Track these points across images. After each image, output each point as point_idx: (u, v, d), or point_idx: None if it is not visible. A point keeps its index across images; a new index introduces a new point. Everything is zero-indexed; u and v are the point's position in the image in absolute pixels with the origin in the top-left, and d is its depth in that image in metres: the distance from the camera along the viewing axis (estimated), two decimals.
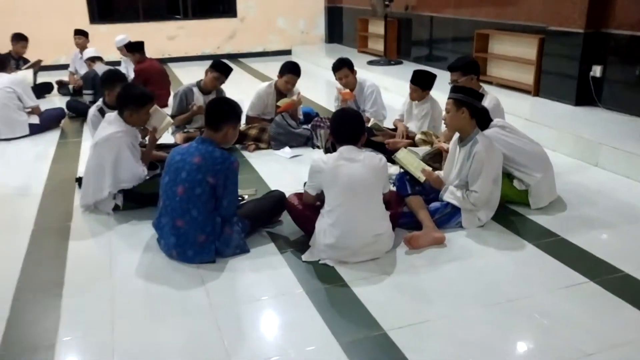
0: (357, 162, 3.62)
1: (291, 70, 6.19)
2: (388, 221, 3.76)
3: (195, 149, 3.70)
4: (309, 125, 6.46)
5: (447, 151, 4.61)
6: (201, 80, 6.07)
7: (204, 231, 3.66)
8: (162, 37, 12.89)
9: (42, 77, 9.58)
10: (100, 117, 5.07)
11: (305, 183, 4.31)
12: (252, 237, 4.00)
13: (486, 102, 4.73)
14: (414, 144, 5.37)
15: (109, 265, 3.75)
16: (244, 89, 8.14)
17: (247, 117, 6.35)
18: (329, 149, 4.19)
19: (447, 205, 4.15)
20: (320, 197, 3.80)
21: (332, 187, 3.62)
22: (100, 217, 4.48)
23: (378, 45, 11.55)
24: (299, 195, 4.04)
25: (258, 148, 6.12)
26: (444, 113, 4.26)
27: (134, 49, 8.23)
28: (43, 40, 10.97)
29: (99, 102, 5.36)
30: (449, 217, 4.14)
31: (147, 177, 4.56)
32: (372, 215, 3.66)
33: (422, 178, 4.22)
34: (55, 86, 9.44)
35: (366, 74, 9.75)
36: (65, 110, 7.71)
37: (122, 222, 4.39)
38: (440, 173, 4.45)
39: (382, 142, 5.46)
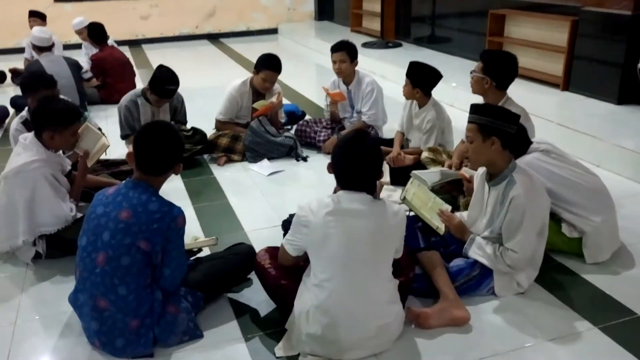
0: (362, 216, 2.54)
1: (269, 66, 5.05)
2: (398, 303, 2.68)
3: (123, 198, 2.64)
4: (292, 130, 5.39)
5: (469, 181, 3.51)
6: (146, 88, 4.83)
7: (137, 314, 2.64)
8: (134, 17, 11.86)
9: None
10: (24, 132, 3.96)
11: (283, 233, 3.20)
12: (207, 309, 2.99)
13: None
14: (420, 164, 4.30)
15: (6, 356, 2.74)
16: (223, 78, 6.98)
17: (217, 122, 5.27)
18: None
19: (475, 265, 3.07)
20: (302, 258, 2.73)
21: (321, 252, 2.56)
22: (14, 269, 3.49)
23: (374, 24, 10.56)
24: (272, 252, 2.94)
25: (230, 160, 5.06)
26: (461, 142, 3.13)
27: (94, 34, 7.27)
28: None
29: (24, 112, 4.22)
30: (477, 282, 3.06)
31: (77, 217, 3.50)
32: (378, 297, 2.59)
33: (442, 229, 3.14)
34: (9, 75, 8.38)
35: (361, 58, 8.62)
36: (9, 108, 6.61)
37: (41, 278, 3.40)
38: (463, 215, 3.35)
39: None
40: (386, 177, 3.35)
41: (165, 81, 4.67)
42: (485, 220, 3.11)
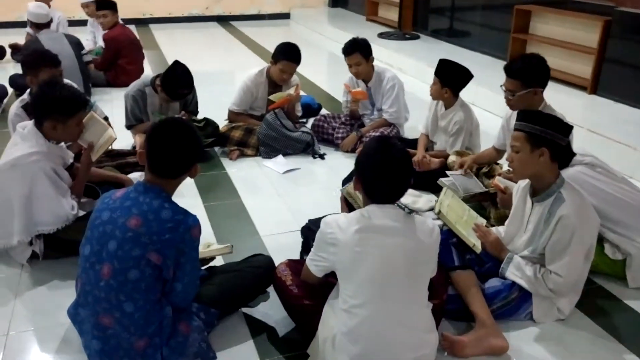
0: (396, 234, 2.27)
1: (288, 56, 4.72)
2: (435, 331, 2.41)
3: (132, 203, 2.34)
4: (309, 125, 5.12)
5: (504, 192, 3.25)
6: (156, 76, 4.50)
7: (145, 332, 2.34)
8: None
9: None
10: (25, 118, 3.67)
11: (302, 251, 2.96)
12: (221, 326, 2.71)
13: None
14: (446, 167, 4.04)
15: None
16: (233, 63, 6.68)
17: (231, 113, 4.97)
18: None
19: (512, 287, 2.81)
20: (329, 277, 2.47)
21: (352, 274, 2.27)
22: (8, 269, 3.20)
23: (390, 14, 10.20)
24: (294, 267, 2.67)
25: (243, 155, 4.76)
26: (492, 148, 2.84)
27: (105, 6, 6.73)
28: None
29: (25, 95, 3.92)
30: (515, 306, 2.81)
31: (79, 215, 3.22)
32: (415, 325, 2.31)
33: (478, 247, 2.87)
34: (9, 50, 7.96)
35: (377, 49, 8.37)
36: (8, 87, 6.23)
37: (37, 283, 3.09)
38: (499, 230, 3.09)
39: None
40: None
41: (179, 83, 4.35)
42: (525, 238, 2.85)
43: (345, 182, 3.28)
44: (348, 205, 2.91)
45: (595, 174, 3.10)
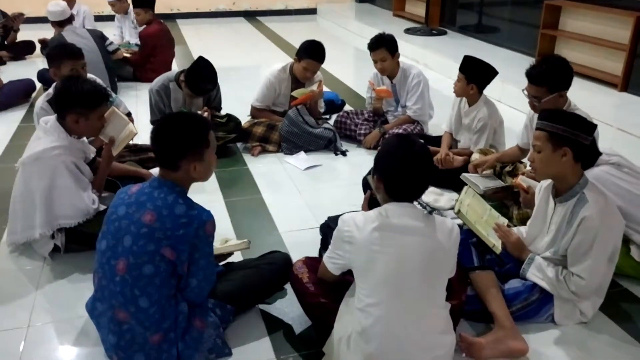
0: (414, 234, 2.23)
1: (312, 54, 4.69)
2: (452, 332, 2.37)
3: (147, 198, 2.35)
4: (332, 121, 5.07)
5: (527, 192, 3.18)
6: (181, 72, 4.49)
7: (160, 327, 2.35)
8: None
9: (24, 34, 8.19)
10: (50, 112, 3.70)
11: (320, 249, 2.93)
12: (237, 322, 2.70)
13: None
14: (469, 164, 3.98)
15: None
16: (259, 59, 6.65)
17: (253, 110, 4.96)
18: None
19: (534, 289, 2.76)
20: (346, 275, 2.44)
21: (368, 273, 2.24)
22: (31, 262, 3.23)
23: (418, 9, 10.12)
24: (311, 265, 2.65)
25: (264, 151, 4.75)
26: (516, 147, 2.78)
27: (144, 3, 6.70)
28: None
29: (51, 89, 3.94)
30: (536, 308, 2.75)
31: (100, 209, 3.22)
32: (431, 326, 2.27)
33: (498, 248, 2.82)
34: (38, 45, 8.02)
35: (403, 45, 8.30)
36: (36, 81, 6.30)
37: (58, 276, 3.11)
38: (521, 231, 3.04)
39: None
40: None
41: (202, 78, 4.34)
42: (547, 239, 2.79)
43: (322, 228, 3.28)
44: (369, 204, 2.87)
45: (621, 174, 3.03)
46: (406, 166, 2.27)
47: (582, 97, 3.83)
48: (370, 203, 2.66)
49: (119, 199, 2.44)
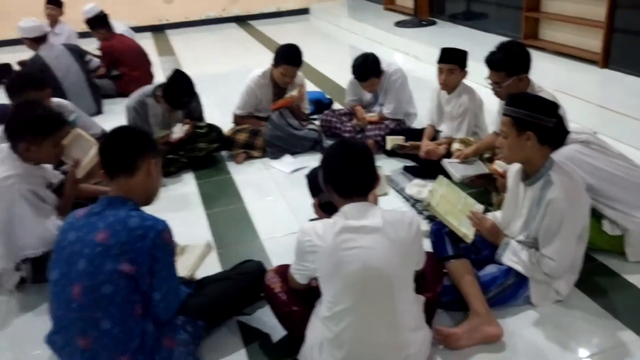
0: (374, 231, 2.24)
1: (288, 60, 4.68)
2: (424, 328, 2.41)
3: (98, 218, 2.30)
4: (318, 121, 5.07)
5: (502, 176, 3.20)
6: (157, 86, 4.51)
7: (126, 349, 2.26)
8: (158, 0, 11.31)
9: (2, 56, 7.99)
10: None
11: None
12: (213, 336, 2.71)
13: None
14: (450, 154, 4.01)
15: None
16: (251, 64, 6.63)
17: (236, 117, 4.97)
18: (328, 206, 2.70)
19: (509, 273, 2.79)
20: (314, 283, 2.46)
21: (334, 281, 2.25)
22: None
23: (407, 1, 10.07)
24: (283, 273, 2.62)
25: (250, 157, 4.76)
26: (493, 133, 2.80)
27: (96, 24, 6.69)
28: (11, 8, 9.61)
29: None
30: (512, 291, 2.79)
31: None
32: (401, 324, 2.29)
33: (470, 237, 2.84)
34: (17, 68, 7.48)
35: (393, 38, 8.38)
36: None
37: (25, 309, 3.04)
38: (496, 216, 3.06)
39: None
40: (382, 189, 3.03)
41: (179, 91, 4.37)
42: (520, 223, 2.82)
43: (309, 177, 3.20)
44: (324, 211, 2.85)
45: (590, 151, 3.05)
46: (345, 159, 2.33)
47: (565, 76, 3.82)
48: (325, 207, 2.69)
49: (68, 223, 2.38)
